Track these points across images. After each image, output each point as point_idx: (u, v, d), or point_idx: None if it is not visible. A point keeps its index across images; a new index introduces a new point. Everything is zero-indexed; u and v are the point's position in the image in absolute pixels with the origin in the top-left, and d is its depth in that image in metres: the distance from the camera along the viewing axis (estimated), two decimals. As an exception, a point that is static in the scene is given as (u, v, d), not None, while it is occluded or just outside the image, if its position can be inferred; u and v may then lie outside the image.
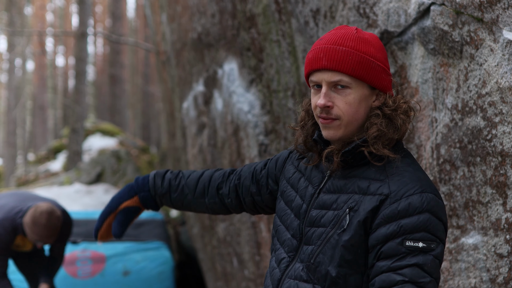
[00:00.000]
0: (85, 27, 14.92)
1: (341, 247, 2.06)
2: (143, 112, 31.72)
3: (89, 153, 15.16)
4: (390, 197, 2.02)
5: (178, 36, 6.68)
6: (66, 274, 7.58)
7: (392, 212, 2.00)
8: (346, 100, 2.10)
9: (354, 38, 2.12)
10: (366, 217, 2.04)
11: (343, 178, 2.16)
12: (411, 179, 2.06)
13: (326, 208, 2.14)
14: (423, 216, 1.98)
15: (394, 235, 1.98)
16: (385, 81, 2.16)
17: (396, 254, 1.97)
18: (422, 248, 1.96)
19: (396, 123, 2.12)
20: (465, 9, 2.65)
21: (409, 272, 1.94)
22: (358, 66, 2.08)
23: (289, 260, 2.21)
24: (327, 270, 2.08)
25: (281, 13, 4.21)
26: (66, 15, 42.02)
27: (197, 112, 6.40)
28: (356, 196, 2.09)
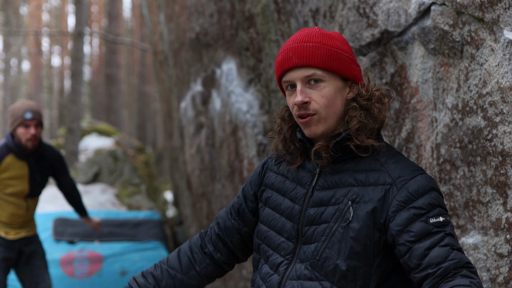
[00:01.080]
0: (81, 27, 14.90)
1: (350, 239, 2.06)
2: (139, 112, 31.69)
3: (86, 153, 15.13)
4: (396, 184, 2.07)
5: (176, 36, 6.67)
6: (63, 274, 7.57)
7: (405, 196, 2.04)
8: (321, 94, 2.12)
9: (318, 35, 2.16)
10: (374, 207, 2.06)
11: (336, 173, 2.17)
12: (406, 164, 2.13)
13: (325, 204, 2.15)
14: (433, 194, 2.06)
15: (418, 216, 2.02)
16: (355, 71, 2.19)
17: (429, 232, 2.00)
18: (443, 222, 2.02)
19: (373, 113, 2.15)
20: (466, 9, 2.65)
21: (450, 241, 2.00)
22: (328, 59, 2.11)
23: (287, 262, 2.20)
24: (335, 264, 2.08)
25: (280, 13, 4.21)
26: (62, 15, 41.97)
27: (195, 112, 6.39)
28: (355, 189, 2.11)
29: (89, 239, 8.14)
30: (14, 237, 5.40)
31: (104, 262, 7.85)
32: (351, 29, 3.45)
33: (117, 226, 8.60)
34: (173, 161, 9.42)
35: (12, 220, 5.35)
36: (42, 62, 41.42)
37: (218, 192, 6.10)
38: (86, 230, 8.29)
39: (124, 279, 7.85)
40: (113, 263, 7.90)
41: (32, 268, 5.56)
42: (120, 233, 8.46)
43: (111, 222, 8.68)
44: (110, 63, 25.71)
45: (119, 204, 11.33)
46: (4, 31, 25.19)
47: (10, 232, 5.39)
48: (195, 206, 7.31)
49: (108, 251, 7.98)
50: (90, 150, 15.28)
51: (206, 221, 6.76)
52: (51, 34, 37.26)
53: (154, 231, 8.70)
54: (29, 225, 5.55)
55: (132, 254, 8.09)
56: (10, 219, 5.34)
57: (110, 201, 11.22)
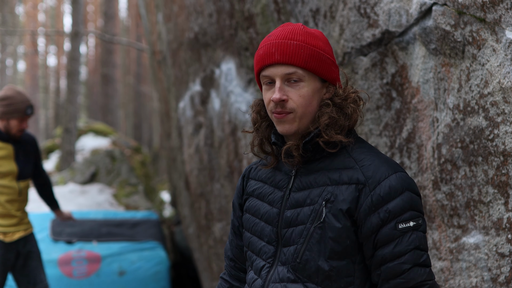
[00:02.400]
0: (78, 26, 14.89)
1: (329, 239, 2.06)
2: (135, 112, 31.69)
3: (82, 153, 15.12)
4: (368, 184, 2.05)
5: (175, 36, 6.67)
6: (61, 274, 7.57)
7: (376, 199, 2.03)
8: (300, 93, 2.11)
9: (302, 33, 2.15)
10: (348, 207, 2.05)
11: (310, 173, 2.17)
12: (380, 162, 2.10)
13: (300, 205, 2.14)
14: (405, 196, 2.03)
15: (386, 221, 2.02)
16: (334, 73, 2.19)
17: (393, 239, 2.02)
18: (414, 226, 2.02)
19: (346, 111, 2.15)
20: (468, 9, 2.66)
21: (411, 257, 2.01)
22: (310, 59, 2.11)
23: (269, 266, 2.20)
24: (318, 266, 2.08)
25: (280, 13, 4.21)
26: (57, 15, 41.93)
27: (194, 112, 6.39)
28: (329, 188, 2.10)
29: (87, 239, 8.13)
30: (12, 239, 5.39)
31: (102, 262, 7.85)
32: (351, 29, 3.46)
33: (115, 226, 8.60)
34: (171, 161, 9.41)
35: (7, 209, 5.34)
36: (38, 62, 41.35)
37: (217, 192, 6.10)
38: (84, 230, 8.29)
39: (122, 279, 7.84)
40: (111, 263, 7.89)
41: (29, 269, 5.56)
42: (118, 233, 8.46)
43: (109, 222, 8.68)
44: (106, 63, 25.69)
45: (117, 204, 11.33)
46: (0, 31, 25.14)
47: (8, 233, 5.38)
48: (194, 206, 7.31)
49: (106, 251, 7.98)
50: (86, 150, 15.27)
51: (205, 221, 6.77)
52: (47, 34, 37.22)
53: (152, 231, 8.70)
54: (25, 221, 5.54)
55: (130, 254, 8.09)
56: (5, 207, 5.33)
57: (107, 201, 11.21)
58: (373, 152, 2.16)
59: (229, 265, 2.53)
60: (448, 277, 3.04)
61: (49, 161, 15.66)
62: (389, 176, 2.05)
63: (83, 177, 12.47)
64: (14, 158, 5.38)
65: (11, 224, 5.39)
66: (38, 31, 35.95)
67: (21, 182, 5.44)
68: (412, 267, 2.01)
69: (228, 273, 2.54)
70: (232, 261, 2.51)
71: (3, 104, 5.20)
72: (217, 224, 6.26)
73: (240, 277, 2.49)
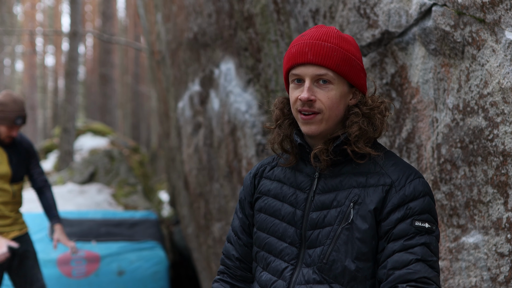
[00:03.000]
0: (76, 26, 14.87)
1: (356, 240, 2.08)
2: (133, 112, 31.66)
3: (80, 153, 15.11)
4: (395, 185, 2.10)
5: (174, 36, 6.67)
6: (60, 274, 7.57)
7: (401, 197, 2.08)
8: (328, 95, 2.13)
9: (336, 36, 2.16)
10: (375, 207, 2.09)
11: (335, 176, 2.18)
12: (405, 167, 2.16)
13: (327, 207, 2.15)
14: (427, 199, 2.09)
15: (404, 217, 2.07)
16: (363, 80, 2.21)
17: (407, 234, 2.06)
18: (428, 229, 2.06)
19: (374, 122, 2.17)
20: (467, 10, 2.67)
21: (420, 250, 2.03)
22: (342, 63, 2.12)
23: (293, 268, 2.20)
24: (344, 266, 2.09)
25: (279, 13, 4.22)
26: (55, 15, 41.89)
27: (193, 111, 6.39)
28: (356, 190, 2.13)
29: (86, 239, 8.13)
30: (7, 238, 5.40)
31: (101, 262, 7.85)
32: (351, 29, 3.46)
33: (114, 226, 8.60)
34: (170, 161, 9.41)
35: (1, 210, 5.34)
36: (36, 61, 41.32)
37: (216, 192, 6.10)
38: (83, 230, 8.29)
39: (121, 279, 7.85)
40: (110, 263, 7.89)
41: (25, 268, 5.56)
42: (117, 233, 8.46)
43: (108, 222, 8.68)
44: (105, 62, 25.67)
45: (116, 204, 11.32)
46: (-2, 31, 25.12)
47: (2, 233, 5.39)
48: (193, 206, 7.31)
49: (105, 251, 7.98)
50: (85, 150, 15.26)
51: (204, 221, 6.77)
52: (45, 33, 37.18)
53: (151, 231, 8.71)
54: (19, 221, 5.55)
55: (129, 254, 8.09)
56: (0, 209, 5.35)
57: (106, 201, 11.21)
58: (395, 157, 2.22)
59: (234, 266, 2.46)
60: (447, 277, 3.05)
61: (47, 161, 15.65)
62: (414, 180, 2.11)
63: (82, 177, 12.47)
64: (8, 162, 5.39)
65: (5, 224, 5.40)
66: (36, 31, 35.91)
67: (14, 185, 5.46)
68: (420, 260, 2.02)
69: (231, 275, 2.47)
70: (238, 261, 2.45)
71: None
72: (216, 224, 6.26)
73: (247, 277, 2.44)
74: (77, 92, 15.62)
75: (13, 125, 5.22)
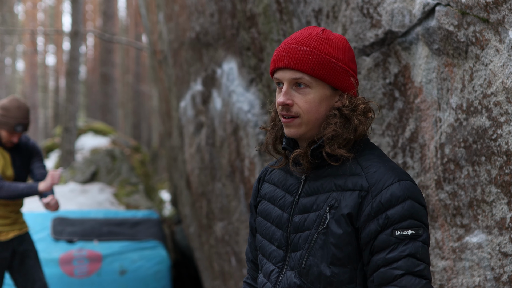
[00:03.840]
0: (78, 26, 14.88)
1: (331, 245, 2.06)
2: (134, 111, 31.68)
3: (82, 152, 15.11)
4: (371, 191, 2.03)
5: (176, 35, 6.68)
6: (62, 273, 7.58)
7: (377, 206, 2.01)
8: (305, 99, 2.11)
9: (317, 39, 2.14)
10: (349, 212, 2.04)
11: (318, 178, 2.16)
12: (386, 169, 2.07)
13: (307, 211, 2.14)
14: (407, 204, 2.00)
15: (384, 227, 2.00)
16: (346, 82, 2.16)
17: (388, 246, 1.99)
18: (412, 236, 1.98)
19: (353, 123, 2.13)
20: (471, 10, 2.67)
21: (404, 263, 1.97)
22: (318, 66, 2.10)
23: (279, 270, 2.20)
24: (320, 271, 2.08)
25: (282, 13, 4.22)
26: (56, 14, 41.90)
27: (195, 111, 6.40)
28: (334, 194, 2.10)
29: (88, 238, 8.15)
30: (7, 238, 5.42)
31: (103, 261, 7.86)
32: (354, 29, 3.46)
33: (116, 225, 8.61)
34: (172, 160, 9.41)
35: (1, 210, 5.36)
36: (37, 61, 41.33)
37: (218, 191, 6.10)
38: (85, 229, 8.30)
39: (123, 278, 7.86)
40: (112, 262, 7.91)
41: (27, 267, 5.57)
42: (119, 232, 8.47)
43: (110, 221, 8.69)
44: (106, 62, 25.68)
45: (117, 203, 11.33)
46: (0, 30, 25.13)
47: (2, 232, 5.40)
48: (195, 205, 7.31)
49: (107, 250, 7.99)
50: (86, 149, 15.26)
51: (206, 220, 6.77)
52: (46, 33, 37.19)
53: (153, 230, 8.72)
54: (19, 221, 5.57)
55: (131, 253, 8.10)
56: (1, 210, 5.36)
57: (108, 200, 11.22)
58: (381, 159, 2.14)
59: (251, 268, 2.53)
60: (451, 276, 3.05)
61: (49, 160, 15.65)
62: (392, 184, 2.03)
63: (84, 176, 12.48)
64: (11, 164, 5.42)
65: (5, 224, 5.43)
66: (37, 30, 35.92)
67: None
68: (405, 274, 1.97)
69: (251, 276, 2.55)
70: (252, 263, 2.52)
71: (1, 116, 5.25)
72: (218, 224, 6.27)
73: None
74: (78, 92, 15.62)
75: (13, 131, 5.24)
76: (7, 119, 5.21)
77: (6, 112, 5.22)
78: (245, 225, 5.41)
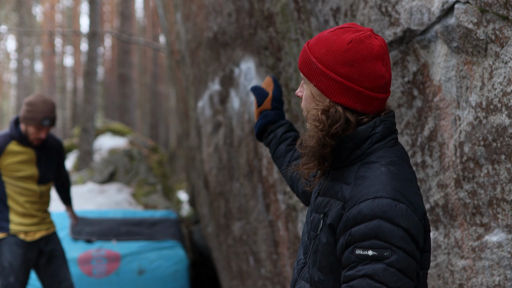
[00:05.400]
0: (96, 26, 14.95)
1: (318, 252, 2.07)
2: (151, 112, 31.78)
3: (100, 152, 15.19)
4: (347, 204, 1.99)
5: (193, 35, 6.69)
6: (81, 273, 7.62)
7: (345, 221, 1.97)
8: (304, 95, 2.19)
9: (321, 38, 2.12)
10: (331, 223, 2.03)
11: (330, 180, 2.16)
12: (373, 183, 1.98)
13: (317, 211, 2.16)
14: (372, 223, 1.90)
15: (348, 244, 1.95)
16: (323, 84, 2.09)
17: (349, 263, 1.94)
18: (373, 256, 1.89)
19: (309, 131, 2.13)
20: (490, 7, 2.65)
21: (358, 284, 1.89)
22: (302, 65, 2.15)
23: (304, 262, 2.24)
24: (312, 274, 2.11)
25: (300, 12, 4.21)
26: (74, 15, 42.12)
27: (213, 111, 6.41)
28: (331, 201, 2.08)
29: (106, 238, 8.18)
30: (33, 238, 5.45)
31: (122, 261, 7.89)
32: (372, 27, 3.45)
33: (134, 225, 8.65)
34: (189, 160, 9.42)
35: (27, 209, 5.40)
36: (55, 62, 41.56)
37: (236, 191, 6.11)
38: (104, 229, 8.34)
39: (141, 278, 7.89)
40: (130, 262, 7.94)
41: (53, 267, 5.61)
42: (137, 232, 8.50)
43: (128, 221, 8.72)
44: (123, 63, 25.76)
45: (136, 203, 11.38)
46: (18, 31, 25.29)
47: (29, 232, 5.43)
48: (213, 205, 7.32)
49: (125, 250, 8.02)
50: (104, 150, 15.34)
51: (224, 220, 6.78)
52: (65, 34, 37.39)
53: (171, 230, 8.74)
54: (46, 221, 5.60)
55: (149, 253, 8.13)
56: (25, 207, 5.39)
57: (126, 200, 11.27)
58: (381, 171, 2.03)
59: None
60: (470, 276, 3.04)
61: (67, 161, 15.75)
62: (365, 201, 1.94)
63: (102, 176, 12.54)
64: (35, 163, 5.44)
65: (32, 223, 5.45)
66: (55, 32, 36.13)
67: (42, 185, 5.51)
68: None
69: None
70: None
71: (25, 109, 5.29)
72: (237, 223, 6.27)
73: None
74: (96, 92, 15.70)
75: (40, 125, 5.26)
76: (33, 114, 5.24)
77: (32, 107, 5.26)
78: (263, 224, 5.41)
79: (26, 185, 5.38)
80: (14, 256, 5.32)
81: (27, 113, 5.26)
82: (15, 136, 5.33)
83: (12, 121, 5.39)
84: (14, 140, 5.34)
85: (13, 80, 46.29)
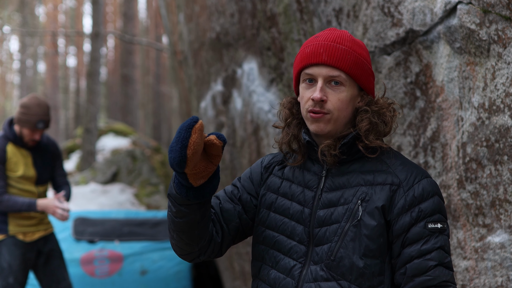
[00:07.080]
0: (98, 27, 14.96)
1: (364, 237, 2.11)
2: (154, 112, 31.75)
3: (103, 153, 15.19)
4: (403, 186, 2.14)
5: (196, 36, 6.69)
6: (83, 273, 7.62)
7: (410, 199, 2.12)
8: (339, 97, 2.17)
9: (350, 40, 2.22)
10: (383, 205, 2.12)
11: (343, 174, 2.22)
12: (412, 166, 2.20)
13: (334, 205, 2.18)
14: (436, 199, 2.13)
15: (417, 220, 2.10)
16: (371, 84, 2.27)
17: (422, 238, 2.10)
18: (441, 229, 2.11)
19: (384, 118, 2.22)
20: (493, 8, 2.65)
21: (437, 255, 2.08)
22: (354, 66, 2.18)
23: (301, 266, 2.21)
24: (352, 263, 2.11)
25: (302, 13, 4.22)
26: (77, 16, 42.12)
27: (216, 111, 6.41)
28: (364, 188, 2.17)
29: (109, 238, 8.17)
30: (32, 239, 5.46)
31: (124, 262, 7.89)
32: (375, 28, 3.46)
33: (137, 226, 8.63)
34: (192, 160, 9.40)
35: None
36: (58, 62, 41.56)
37: (238, 192, 6.10)
38: (106, 229, 8.33)
39: (144, 278, 7.88)
40: (133, 262, 7.93)
41: (52, 267, 5.61)
42: (140, 232, 8.48)
43: (131, 221, 8.71)
44: (126, 63, 25.75)
45: (138, 203, 11.38)
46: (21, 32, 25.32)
47: (28, 233, 5.44)
48: (215, 206, 7.31)
49: (128, 251, 8.02)
50: (107, 150, 15.34)
51: (226, 221, 6.77)
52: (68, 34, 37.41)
53: (173, 230, 8.72)
54: (44, 221, 5.61)
55: (152, 253, 8.12)
56: None
57: (129, 201, 11.27)
58: (402, 157, 2.25)
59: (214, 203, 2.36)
60: (473, 276, 3.03)
61: (69, 161, 15.75)
62: (422, 180, 2.14)
63: (104, 177, 12.54)
64: (32, 164, 5.46)
65: (31, 224, 5.47)
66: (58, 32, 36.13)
67: (39, 186, 5.53)
68: (438, 265, 2.07)
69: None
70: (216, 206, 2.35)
71: (20, 111, 5.31)
72: (239, 224, 6.26)
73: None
74: (99, 93, 15.71)
75: (34, 128, 5.28)
76: (28, 117, 5.25)
77: (26, 110, 5.27)
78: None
79: (25, 186, 5.40)
80: (13, 257, 5.33)
81: (21, 116, 5.27)
82: (10, 137, 5.36)
83: (6, 123, 5.40)
84: (10, 142, 5.38)
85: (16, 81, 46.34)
